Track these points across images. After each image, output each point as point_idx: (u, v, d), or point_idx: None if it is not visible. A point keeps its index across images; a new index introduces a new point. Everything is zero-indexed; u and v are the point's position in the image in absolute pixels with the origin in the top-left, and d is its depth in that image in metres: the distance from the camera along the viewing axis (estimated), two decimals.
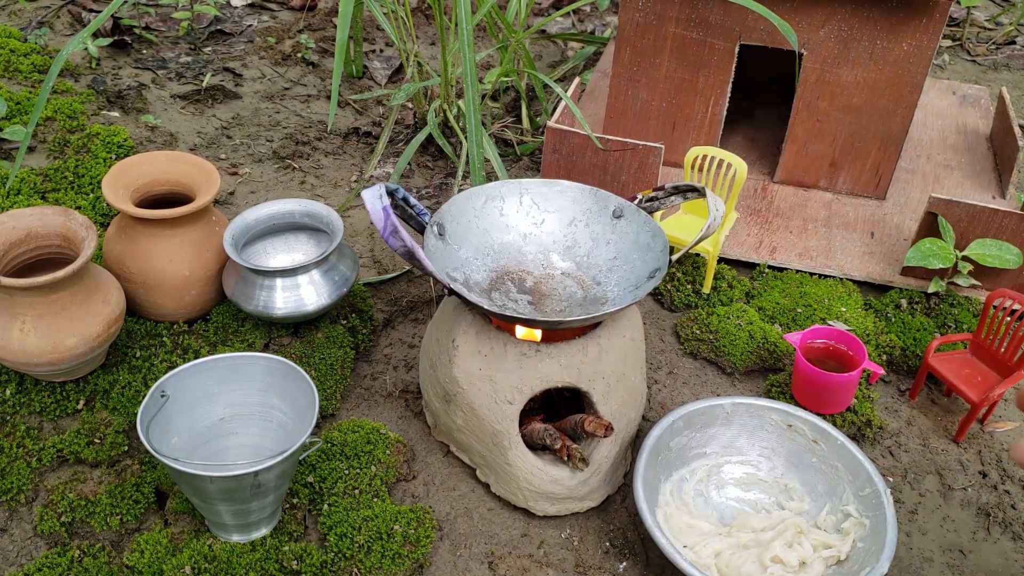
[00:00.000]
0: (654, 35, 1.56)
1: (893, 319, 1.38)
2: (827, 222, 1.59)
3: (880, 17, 1.44)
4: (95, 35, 2.04)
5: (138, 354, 1.20)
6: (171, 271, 1.20)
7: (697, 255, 1.44)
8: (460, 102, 1.76)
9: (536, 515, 1.07)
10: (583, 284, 1.12)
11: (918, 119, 1.89)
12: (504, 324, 1.04)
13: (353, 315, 1.30)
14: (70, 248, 1.11)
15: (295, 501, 1.06)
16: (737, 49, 1.53)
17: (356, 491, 1.06)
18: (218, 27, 2.25)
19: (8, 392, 1.13)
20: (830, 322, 1.34)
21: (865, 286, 1.47)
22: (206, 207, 1.21)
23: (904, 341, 1.34)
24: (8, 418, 1.11)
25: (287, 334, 1.25)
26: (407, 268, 1.47)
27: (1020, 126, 1.79)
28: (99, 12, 2.18)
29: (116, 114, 1.82)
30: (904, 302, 1.41)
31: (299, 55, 2.17)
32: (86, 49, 1.99)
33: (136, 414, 0.98)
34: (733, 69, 1.56)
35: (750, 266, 1.51)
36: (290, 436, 1.01)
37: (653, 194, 1.11)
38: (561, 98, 1.51)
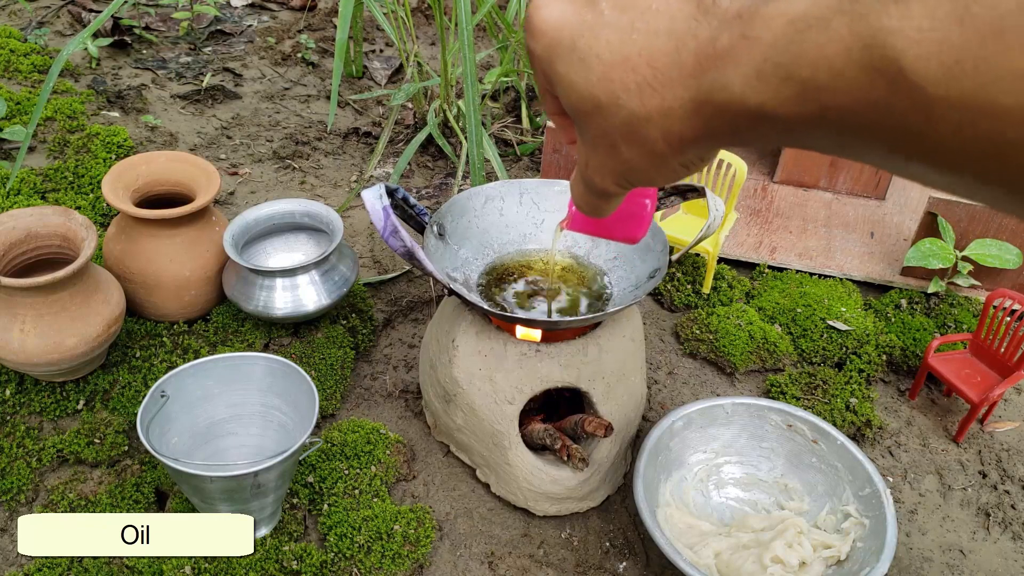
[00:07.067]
0: None
1: (893, 319, 1.38)
2: (827, 222, 1.59)
3: None
4: (95, 35, 2.04)
5: (138, 354, 1.20)
6: (171, 271, 1.20)
7: (697, 255, 1.44)
8: (460, 102, 1.76)
9: (536, 515, 1.07)
10: (583, 284, 1.12)
11: None
12: (504, 324, 1.04)
13: (353, 315, 1.30)
14: (70, 248, 1.11)
15: (295, 501, 1.06)
16: None
17: (356, 491, 1.06)
18: (218, 27, 2.25)
19: (8, 392, 1.13)
20: (830, 321, 1.34)
21: (865, 286, 1.47)
22: (206, 207, 1.21)
23: (904, 341, 1.34)
24: (8, 418, 1.11)
25: (287, 334, 1.25)
26: (407, 268, 1.47)
27: None
28: (99, 12, 2.18)
29: (116, 114, 1.82)
30: (904, 302, 1.41)
31: (299, 55, 2.17)
32: (86, 49, 1.99)
33: (136, 414, 0.98)
34: None
35: (750, 266, 1.51)
36: (290, 436, 1.01)
37: None
38: None
